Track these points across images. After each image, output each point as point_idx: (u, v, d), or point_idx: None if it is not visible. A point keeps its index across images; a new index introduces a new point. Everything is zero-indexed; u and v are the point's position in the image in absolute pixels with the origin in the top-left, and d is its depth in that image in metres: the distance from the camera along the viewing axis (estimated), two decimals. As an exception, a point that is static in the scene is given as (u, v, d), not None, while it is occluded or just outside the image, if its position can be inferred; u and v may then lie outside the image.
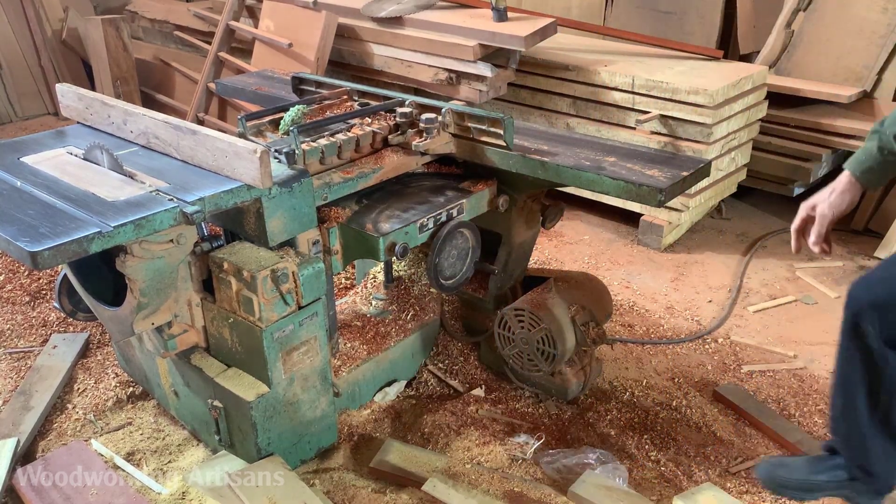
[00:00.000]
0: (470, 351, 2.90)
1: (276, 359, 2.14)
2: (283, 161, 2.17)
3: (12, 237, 1.68)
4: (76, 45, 5.93)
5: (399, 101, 2.56)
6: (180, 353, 2.28)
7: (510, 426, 2.59)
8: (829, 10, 4.40)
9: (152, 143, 2.22)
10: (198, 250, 2.11)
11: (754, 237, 4.15)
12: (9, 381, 2.79)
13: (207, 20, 5.43)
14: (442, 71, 4.11)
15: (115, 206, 1.84)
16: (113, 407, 2.66)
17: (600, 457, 2.38)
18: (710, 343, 3.17)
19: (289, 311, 2.13)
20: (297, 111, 2.48)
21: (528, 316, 2.50)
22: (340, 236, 2.32)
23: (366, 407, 2.65)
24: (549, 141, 2.49)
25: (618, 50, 4.43)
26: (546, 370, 2.54)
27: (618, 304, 3.44)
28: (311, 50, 4.34)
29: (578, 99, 4.11)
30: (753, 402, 2.73)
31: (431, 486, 2.22)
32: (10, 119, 5.88)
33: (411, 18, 4.30)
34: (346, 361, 2.58)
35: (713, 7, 4.95)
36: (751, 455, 2.51)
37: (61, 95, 2.49)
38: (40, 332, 3.08)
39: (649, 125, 3.82)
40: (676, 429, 2.62)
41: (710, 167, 2.43)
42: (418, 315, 2.81)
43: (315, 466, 2.38)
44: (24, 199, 1.90)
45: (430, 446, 2.48)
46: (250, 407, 2.13)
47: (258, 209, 2.07)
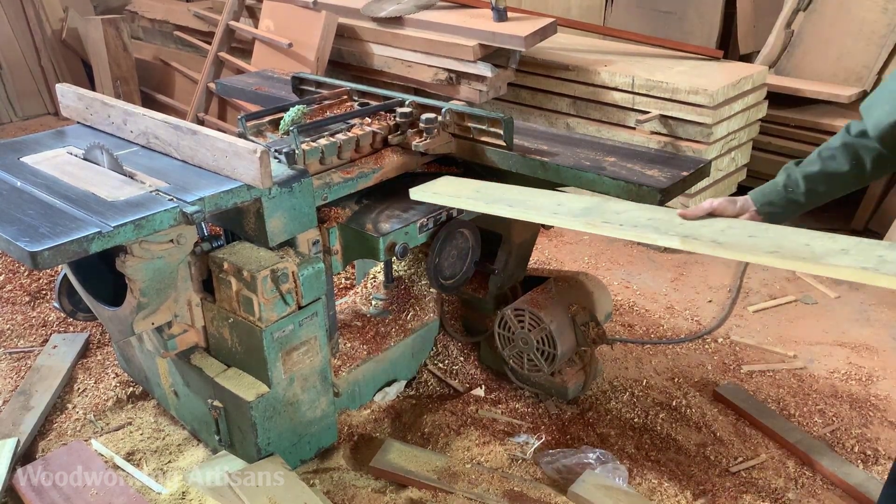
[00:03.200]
0: (470, 351, 2.90)
1: (276, 359, 2.14)
2: (283, 161, 2.17)
3: (12, 237, 1.68)
4: (76, 45, 5.93)
5: (399, 100, 2.56)
6: (180, 353, 2.28)
7: (510, 426, 2.59)
8: (829, 10, 4.40)
9: (152, 143, 2.21)
10: (198, 250, 2.11)
11: (754, 237, 4.15)
12: (9, 381, 2.79)
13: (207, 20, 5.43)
14: (442, 71, 4.11)
15: (115, 206, 1.84)
16: (113, 407, 2.66)
17: (600, 457, 2.38)
18: (710, 343, 3.17)
19: (289, 311, 2.13)
20: (296, 111, 2.47)
21: (528, 316, 2.50)
22: (340, 236, 2.32)
23: (366, 407, 2.65)
24: (549, 141, 2.49)
25: (618, 50, 4.43)
26: (546, 370, 2.54)
27: (618, 304, 3.44)
28: (311, 50, 4.34)
29: (578, 99, 4.11)
30: (753, 402, 2.73)
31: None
32: (10, 119, 5.88)
33: (411, 18, 4.30)
34: (346, 361, 2.58)
35: (713, 7, 4.94)
36: (751, 455, 2.51)
37: (61, 95, 2.49)
38: (40, 332, 3.08)
39: (649, 125, 3.82)
40: (676, 429, 2.62)
41: (710, 167, 2.43)
42: (418, 315, 2.81)
43: (315, 466, 2.38)
44: (24, 199, 1.90)
45: (430, 446, 2.48)
46: (250, 407, 2.13)
47: (258, 209, 2.07)
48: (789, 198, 1.75)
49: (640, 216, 1.93)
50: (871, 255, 1.55)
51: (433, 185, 2.36)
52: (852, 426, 2.65)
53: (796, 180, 1.73)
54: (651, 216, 1.92)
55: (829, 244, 1.63)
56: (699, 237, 1.74)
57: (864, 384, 2.89)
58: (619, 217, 1.93)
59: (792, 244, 1.65)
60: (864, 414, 2.72)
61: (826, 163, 1.70)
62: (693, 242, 1.73)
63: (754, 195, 1.81)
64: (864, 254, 1.56)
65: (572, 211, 2.02)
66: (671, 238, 1.77)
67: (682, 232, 1.78)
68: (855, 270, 1.51)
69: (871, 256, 1.54)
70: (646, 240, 1.85)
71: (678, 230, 1.79)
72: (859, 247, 1.60)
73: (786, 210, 1.78)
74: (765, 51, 4.58)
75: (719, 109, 3.67)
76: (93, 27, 5.46)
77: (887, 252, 1.55)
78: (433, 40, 4.12)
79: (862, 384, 2.89)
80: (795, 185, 1.73)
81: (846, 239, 1.63)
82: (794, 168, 1.75)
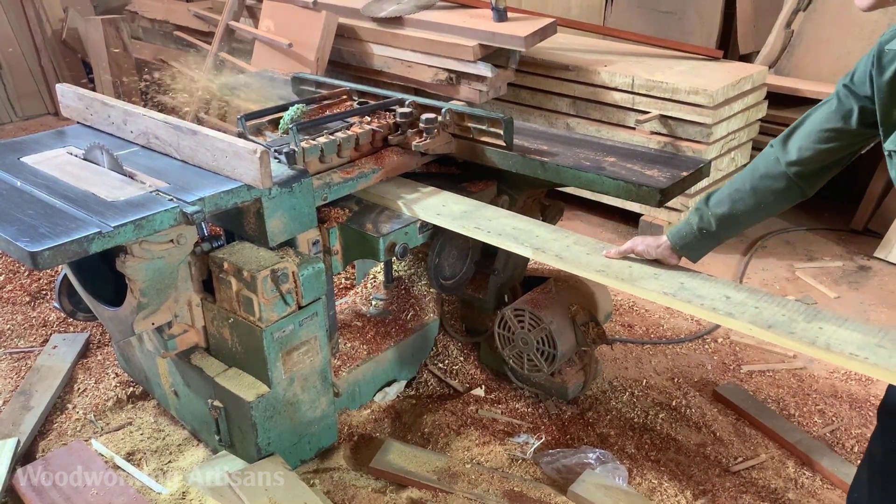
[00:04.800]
0: (470, 351, 2.90)
1: (276, 359, 2.14)
2: (283, 161, 2.17)
3: (12, 237, 1.68)
4: (76, 45, 5.93)
5: (398, 99, 2.56)
6: (180, 353, 2.28)
7: (510, 426, 2.59)
8: (829, 10, 4.40)
9: (152, 143, 2.22)
10: (198, 250, 2.11)
11: (754, 237, 4.15)
12: (9, 381, 2.79)
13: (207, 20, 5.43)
14: (442, 71, 4.11)
15: (115, 207, 1.84)
16: (113, 407, 2.66)
17: (600, 457, 2.38)
18: (710, 343, 3.17)
19: (289, 311, 2.13)
20: (296, 110, 2.47)
21: (528, 316, 2.50)
22: (340, 236, 2.32)
23: (366, 407, 2.65)
24: (549, 141, 2.49)
25: (618, 50, 4.43)
26: (546, 370, 2.54)
27: (618, 304, 3.44)
28: (311, 50, 4.34)
29: (578, 99, 4.11)
30: (753, 402, 2.73)
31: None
32: (10, 119, 5.88)
33: (411, 18, 4.30)
34: (346, 361, 2.58)
35: (713, 7, 4.95)
36: (751, 455, 2.51)
37: (61, 95, 2.49)
38: (40, 332, 3.08)
39: (649, 125, 3.82)
40: (676, 429, 2.62)
41: (710, 167, 2.43)
42: (418, 315, 2.81)
43: (315, 466, 2.38)
44: (24, 199, 1.90)
45: (430, 446, 2.48)
46: (250, 407, 2.13)
47: (258, 209, 2.07)
48: (704, 237, 1.88)
49: (507, 224, 2.19)
50: (674, 282, 1.88)
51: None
52: (852, 426, 2.65)
53: (709, 221, 1.85)
54: (516, 225, 2.18)
55: (646, 270, 1.94)
56: (547, 251, 2.03)
57: (864, 384, 2.89)
58: (489, 224, 2.19)
59: (618, 265, 1.97)
60: (863, 414, 2.72)
61: (735, 205, 1.81)
62: (542, 254, 2.03)
63: (671, 237, 1.94)
64: (670, 280, 1.89)
65: (453, 213, 2.26)
66: (526, 248, 2.06)
67: (535, 244, 2.06)
68: (658, 294, 1.84)
69: (675, 283, 1.88)
70: (506, 247, 2.12)
71: (532, 242, 2.08)
72: (668, 273, 1.92)
73: (703, 247, 1.91)
74: (765, 51, 4.58)
75: (719, 109, 3.67)
76: (93, 27, 5.46)
77: (687, 280, 1.89)
78: (433, 40, 4.12)
79: (862, 384, 2.89)
80: (708, 226, 1.86)
81: (664, 269, 1.95)
82: (706, 208, 1.86)
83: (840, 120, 1.63)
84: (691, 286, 1.86)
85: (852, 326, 1.69)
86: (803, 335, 1.67)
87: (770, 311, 1.76)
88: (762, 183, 1.76)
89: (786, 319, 1.72)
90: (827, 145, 1.66)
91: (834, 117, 1.64)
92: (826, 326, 1.70)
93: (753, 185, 1.78)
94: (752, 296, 1.82)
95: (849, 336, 1.66)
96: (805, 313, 1.75)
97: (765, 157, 1.77)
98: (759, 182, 1.76)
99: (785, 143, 1.73)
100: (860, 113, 1.60)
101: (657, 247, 1.95)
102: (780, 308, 1.77)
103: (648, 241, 1.97)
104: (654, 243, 1.95)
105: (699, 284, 1.87)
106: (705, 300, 1.81)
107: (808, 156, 1.68)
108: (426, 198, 2.37)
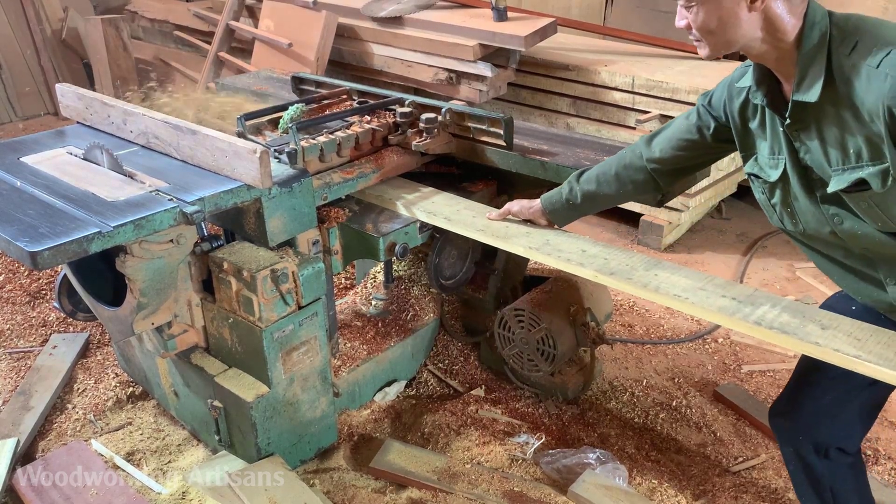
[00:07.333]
0: (470, 351, 2.90)
1: (276, 359, 2.14)
2: (284, 161, 2.17)
3: (12, 237, 1.68)
4: (76, 45, 5.93)
5: (398, 98, 2.55)
6: (180, 353, 2.28)
7: (510, 426, 2.59)
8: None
9: (152, 143, 2.21)
10: (198, 250, 2.11)
11: (754, 237, 4.15)
12: (9, 381, 2.79)
13: (207, 20, 5.44)
14: (442, 71, 4.11)
15: (114, 206, 1.84)
16: (113, 407, 2.66)
17: (600, 457, 2.38)
18: (710, 343, 3.17)
19: (289, 311, 2.12)
20: (296, 110, 2.47)
21: (528, 316, 2.50)
22: (340, 236, 2.32)
23: (366, 407, 2.65)
24: (549, 141, 2.49)
25: (618, 50, 4.43)
26: (546, 370, 2.53)
27: (618, 304, 3.44)
28: (311, 50, 4.34)
29: (578, 99, 4.11)
30: (753, 402, 2.73)
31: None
32: (10, 119, 5.88)
33: (411, 18, 4.30)
34: (346, 361, 2.58)
35: (713, 7, 4.94)
36: (751, 455, 2.51)
37: (61, 95, 2.49)
38: (40, 332, 3.08)
39: (649, 125, 3.82)
40: (676, 429, 2.62)
41: (710, 167, 2.43)
42: (418, 315, 2.81)
43: (315, 466, 2.38)
44: (23, 199, 1.90)
45: (430, 446, 2.48)
46: (250, 407, 2.13)
47: (258, 209, 2.07)
48: (570, 207, 2.07)
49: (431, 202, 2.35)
50: (541, 239, 2.07)
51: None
52: (852, 426, 2.65)
53: (576, 195, 2.04)
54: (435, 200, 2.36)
55: (520, 229, 2.14)
56: (437, 213, 2.24)
57: (865, 384, 2.89)
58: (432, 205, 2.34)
59: (496, 225, 2.17)
60: (864, 414, 2.71)
61: (601, 186, 2.00)
62: (434, 217, 2.24)
63: (543, 201, 2.12)
64: (538, 237, 2.08)
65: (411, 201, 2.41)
66: (422, 213, 2.27)
67: (427, 209, 2.28)
68: (525, 249, 2.04)
69: (541, 240, 2.07)
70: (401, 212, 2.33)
71: (427, 207, 2.29)
72: (538, 232, 2.12)
73: (568, 216, 2.11)
74: (765, 51, 4.57)
75: (719, 109, 3.67)
76: (93, 27, 5.46)
77: (552, 237, 2.08)
78: (433, 40, 4.12)
79: (862, 384, 2.89)
80: (574, 199, 2.04)
81: (536, 229, 2.14)
82: (576, 183, 2.04)
83: (696, 133, 1.81)
84: (555, 242, 2.06)
85: (684, 273, 1.87)
86: (639, 280, 1.85)
87: (616, 261, 1.94)
88: (625, 172, 1.95)
89: (627, 268, 1.90)
90: (682, 152, 1.85)
91: (692, 129, 1.82)
92: (661, 273, 1.88)
93: (618, 171, 1.96)
94: (605, 250, 2.01)
95: (678, 281, 1.83)
96: (646, 263, 1.93)
97: (632, 149, 1.95)
98: (622, 171, 1.95)
99: (649, 142, 1.90)
100: (715, 130, 1.77)
101: (530, 209, 2.13)
102: (626, 258, 1.96)
103: (523, 203, 2.15)
104: (527, 205, 2.14)
105: (562, 241, 2.07)
106: (563, 253, 1.99)
107: (666, 157, 1.87)
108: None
